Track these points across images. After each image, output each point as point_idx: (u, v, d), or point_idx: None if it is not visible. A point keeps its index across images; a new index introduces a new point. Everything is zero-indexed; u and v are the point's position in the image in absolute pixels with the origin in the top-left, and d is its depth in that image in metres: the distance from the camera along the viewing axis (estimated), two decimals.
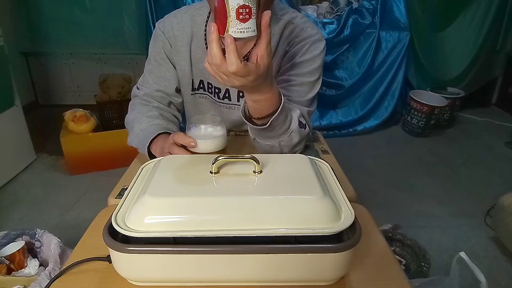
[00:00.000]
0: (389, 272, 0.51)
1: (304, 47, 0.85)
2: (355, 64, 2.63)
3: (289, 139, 0.77)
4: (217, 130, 0.74)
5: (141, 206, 0.46)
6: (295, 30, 0.86)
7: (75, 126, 1.97)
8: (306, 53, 0.85)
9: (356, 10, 2.53)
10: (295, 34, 0.86)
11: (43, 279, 0.95)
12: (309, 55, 0.85)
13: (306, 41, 0.85)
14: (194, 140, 0.69)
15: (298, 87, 0.84)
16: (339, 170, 0.79)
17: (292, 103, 0.81)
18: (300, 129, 0.78)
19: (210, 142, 0.72)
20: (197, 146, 0.70)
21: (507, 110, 3.08)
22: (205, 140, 0.71)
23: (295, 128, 0.76)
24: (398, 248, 1.40)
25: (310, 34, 0.86)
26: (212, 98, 0.94)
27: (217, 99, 0.94)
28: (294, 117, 0.77)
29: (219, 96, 0.93)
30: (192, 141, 0.69)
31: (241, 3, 0.51)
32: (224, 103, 0.94)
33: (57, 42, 2.71)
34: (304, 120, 0.81)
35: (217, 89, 0.92)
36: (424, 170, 2.19)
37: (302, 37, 0.86)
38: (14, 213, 1.72)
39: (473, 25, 2.76)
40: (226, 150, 0.76)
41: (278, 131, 0.75)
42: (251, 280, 0.46)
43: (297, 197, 0.47)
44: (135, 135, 0.85)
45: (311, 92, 0.86)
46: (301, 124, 0.78)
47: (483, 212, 1.70)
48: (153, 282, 0.48)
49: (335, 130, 2.66)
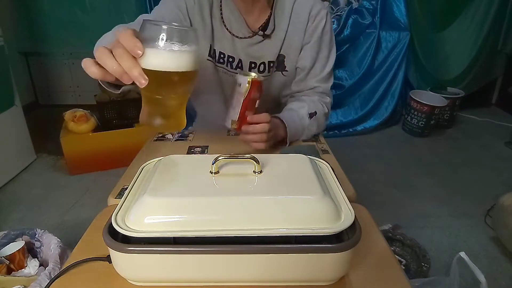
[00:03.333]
0: (389, 272, 0.51)
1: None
2: (355, 64, 2.63)
3: (309, 131, 0.96)
4: (187, 42, 0.49)
5: (141, 206, 0.46)
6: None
7: (75, 126, 1.97)
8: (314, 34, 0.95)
9: (356, 10, 2.53)
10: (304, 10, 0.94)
11: (43, 279, 0.95)
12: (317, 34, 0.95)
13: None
14: (141, 46, 0.46)
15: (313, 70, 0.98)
16: (339, 170, 0.79)
17: (300, 98, 0.99)
18: (311, 121, 0.94)
19: (167, 57, 0.48)
20: (144, 56, 0.47)
21: (507, 110, 3.08)
22: (160, 50, 0.47)
23: (307, 124, 0.94)
24: (398, 248, 1.40)
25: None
26: (224, 68, 0.97)
27: (229, 68, 0.97)
28: (305, 118, 0.93)
29: (232, 66, 0.96)
30: (139, 46, 0.46)
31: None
32: (236, 73, 0.97)
33: (57, 42, 2.71)
34: (314, 108, 0.96)
35: (231, 58, 0.95)
36: (424, 170, 2.19)
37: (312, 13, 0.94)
38: (14, 213, 1.72)
39: (473, 25, 2.76)
40: (193, 77, 0.53)
41: (300, 136, 0.95)
42: (251, 280, 0.46)
43: (297, 197, 0.47)
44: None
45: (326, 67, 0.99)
46: (311, 114, 0.94)
47: (483, 212, 1.70)
48: (153, 282, 0.48)
49: (335, 130, 2.66)
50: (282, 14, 0.93)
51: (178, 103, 0.54)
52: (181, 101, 0.55)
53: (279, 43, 0.94)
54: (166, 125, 0.54)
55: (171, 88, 0.51)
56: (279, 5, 0.93)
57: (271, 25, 0.93)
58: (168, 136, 1.00)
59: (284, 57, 0.97)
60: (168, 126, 0.55)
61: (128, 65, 0.46)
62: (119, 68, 0.46)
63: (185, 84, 0.52)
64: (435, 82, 2.83)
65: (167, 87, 0.51)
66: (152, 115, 0.53)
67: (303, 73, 0.98)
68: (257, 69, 0.97)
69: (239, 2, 0.89)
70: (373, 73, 2.64)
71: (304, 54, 0.97)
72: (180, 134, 1.00)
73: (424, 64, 2.78)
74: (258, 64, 0.96)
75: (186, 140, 0.96)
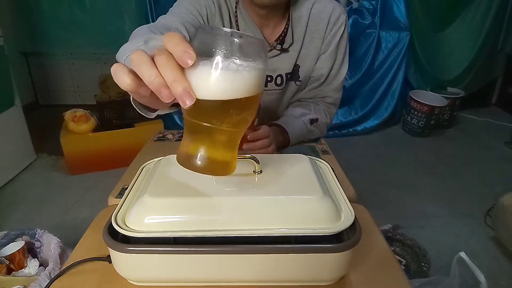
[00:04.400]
0: (389, 272, 0.51)
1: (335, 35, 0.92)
2: (355, 64, 2.63)
3: (312, 135, 0.96)
4: (254, 57, 0.36)
5: (141, 206, 0.46)
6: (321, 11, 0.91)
7: (75, 126, 1.97)
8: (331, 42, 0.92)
9: (356, 10, 2.53)
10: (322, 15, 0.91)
11: (43, 279, 0.95)
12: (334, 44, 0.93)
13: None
14: (193, 54, 0.34)
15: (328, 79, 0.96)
16: (339, 170, 0.79)
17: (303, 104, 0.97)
18: (312, 127, 0.94)
19: (228, 76, 0.35)
20: (195, 68, 0.35)
21: (507, 110, 3.08)
22: (219, 70, 0.35)
23: (308, 130, 0.93)
24: (398, 248, 1.40)
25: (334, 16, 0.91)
26: None
27: None
28: (306, 123, 0.93)
29: None
30: (190, 54, 0.34)
31: None
32: None
33: (57, 42, 2.71)
34: (316, 115, 0.95)
35: None
36: (424, 170, 2.19)
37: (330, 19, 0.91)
38: (14, 213, 1.71)
39: (473, 25, 2.75)
40: (257, 102, 0.40)
41: (302, 139, 0.94)
42: (251, 280, 0.46)
43: (297, 197, 0.47)
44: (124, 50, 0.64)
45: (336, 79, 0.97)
46: (312, 120, 0.94)
47: (483, 212, 1.70)
48: (153, 282, 0.48)
49: (335, 130, 2.66)
50: (298, 24, 0.89)
51: (232, 136, 0.41)
52: (235, 134, 0.41)
53: (296, 54, 0.91)
54: (211, 166, 0.40)
55: (226, 115, 0.37)
56: (295, 15, 0.88)
57: (288, 38, 0.88)
58: (168, 136, 1.00)
59: (299, 66, 0.93)
60: (215, 167, 0.41)
61: (172, 77, 0.34)
62: (158, 79, 0.34)
63: (245, 110, 0.38)
64: (435, 82, 2.83)
65: (222, 114, 0.37)
66: (194, 150, 0.40)
67: (318, 82, 0.95)
68: (274, 82, 0.94)
69: (254, 16, 0.86)
70: (373, 73, 2.64)
71: (320, 64, 0.93)
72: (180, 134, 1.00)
73: (424, 64, 2.77)
74: (274, 77, 0.93)
75: None
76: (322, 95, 0.97)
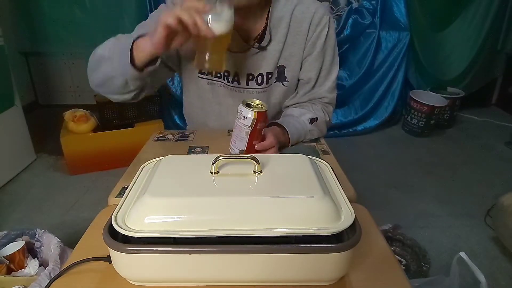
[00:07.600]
0: (389, 272, 0.51)
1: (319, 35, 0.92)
2: (355, 64, 2.63)
3: (311, 135, 0.95)
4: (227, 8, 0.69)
5: (141, 206, 0.46)
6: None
7: (75, 126, 1.97)
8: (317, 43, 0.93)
9: (356, 10, 2.53)
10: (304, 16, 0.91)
11: (43, 279, 0.95)
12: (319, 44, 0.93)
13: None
14: (206, 6, 0.65)
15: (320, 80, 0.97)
16: (339, 170, 0.79)
17: (303, 105, 0.98)
18: (311, 126, 0.94)
19: (225, 19, 0.69)
20: (212, 18, 0.66)
21: (507, 110, 3.08)
22: (220, 14, 0.68)
23: (308, 129, 0.93)
24: (398, 248, 1.40)
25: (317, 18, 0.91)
26: (221, 82, 0.96)
27: (226, 82, 0.95)
28: (306, 123, 0.93)
29: (229, 80, 0.95)
30: (204, 6, 0.64)
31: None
32: (234, 86, 0.95)
33: (57, 42, 2.71)
34: (315, 115, 0.95)
35: (226, 72, 0.94)
36: (424, 170, 2.19)
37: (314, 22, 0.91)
38: (14, 213, 1.72)
39: (473, 25, 2.75)
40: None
41: (302, 139, 0.94)
42: (251, 280, 0.46)
43: (297, 197, 0.47)
44: (109, 45, 0.85)
45: (328, 79, 0.98)
46: (312, 120, 0.94)
47: (483, 212, 1.70)
48: (153, 282, 0.48)
49: (335, 130, 2.66)
50: (279, 24, 0.89)
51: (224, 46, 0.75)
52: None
53: (277, 54, 0.91)
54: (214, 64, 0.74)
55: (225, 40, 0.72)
56: (275, 14, 0.88)
57: (267, 36, 0.88)
58: (168, 136, 1.00)
59: (284, 67, 0.94)
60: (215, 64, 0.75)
61: (200, 22, 0.63)
62: (192, 19, 0.63)
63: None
64: (435, 82, 2.83)
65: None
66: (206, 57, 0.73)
67: (309, 85, 0.96)
68: (255, 81, 0.94)
69: None
70: (373, 73, 2.64)
71: (307, 67, 0.94)
72: (180, 134, 1.00)
73: (424, 64, 2.77)
74: (255, 75, 0.94)
75: (187, 140, 0.96)
76: (318, 96, 0.98)
